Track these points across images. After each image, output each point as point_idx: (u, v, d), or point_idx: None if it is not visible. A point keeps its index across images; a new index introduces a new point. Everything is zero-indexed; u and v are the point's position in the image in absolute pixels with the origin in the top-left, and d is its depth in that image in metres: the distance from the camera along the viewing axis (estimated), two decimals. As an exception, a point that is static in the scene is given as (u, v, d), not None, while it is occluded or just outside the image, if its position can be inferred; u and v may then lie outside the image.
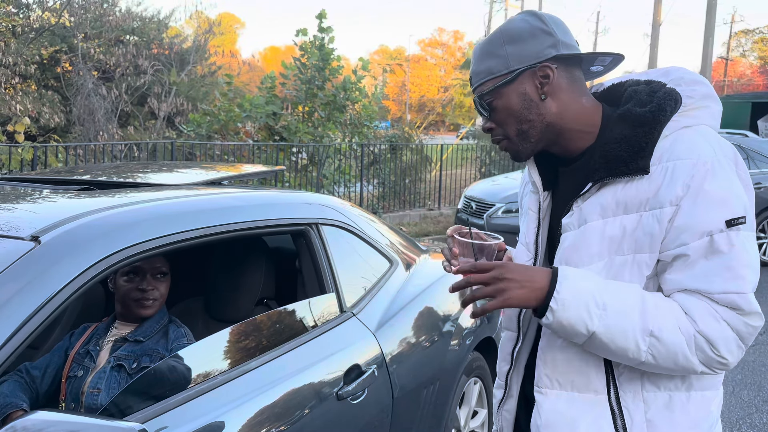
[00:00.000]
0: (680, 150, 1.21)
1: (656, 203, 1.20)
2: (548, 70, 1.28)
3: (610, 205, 1.25)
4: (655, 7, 24.52)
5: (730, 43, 48.47)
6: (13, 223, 1.60)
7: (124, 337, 2.00)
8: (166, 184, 2.26)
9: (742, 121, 16.52)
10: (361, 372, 2.06)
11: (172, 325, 2.06)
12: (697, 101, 1.28)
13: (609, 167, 1.24)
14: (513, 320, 1.44)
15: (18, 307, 1.35)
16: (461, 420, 2.78)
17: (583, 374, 1.29)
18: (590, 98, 1.34)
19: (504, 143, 1.36)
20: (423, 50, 68.83)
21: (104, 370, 1.90)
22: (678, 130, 1.24)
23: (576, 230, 1.29)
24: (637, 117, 1.25)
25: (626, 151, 1.23)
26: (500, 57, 1.29)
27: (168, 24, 15.59)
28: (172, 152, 8.03)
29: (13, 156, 6.69)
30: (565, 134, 1.32)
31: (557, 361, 1.31)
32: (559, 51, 1.28)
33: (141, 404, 1.55)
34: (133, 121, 12.96)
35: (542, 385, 1.34)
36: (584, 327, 1.19)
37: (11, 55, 11.51)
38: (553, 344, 1.32)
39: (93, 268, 1.49)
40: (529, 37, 1.28)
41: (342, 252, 2.31)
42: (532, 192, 1.44)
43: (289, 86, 10.41)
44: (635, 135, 1.24)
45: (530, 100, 1.29)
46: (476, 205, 7.74)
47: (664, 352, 1.18)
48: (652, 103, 1.26)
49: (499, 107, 1.31)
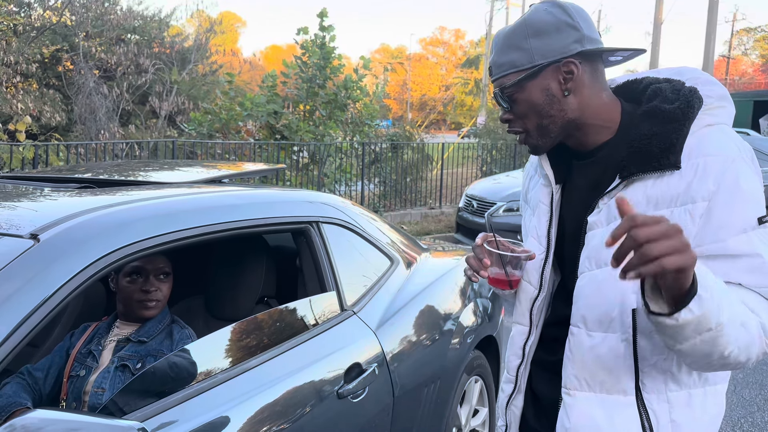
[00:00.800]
0: (709, 147, 1.22)
1: (688, 198, 1.20)
2: (572, 66, 1.26)
3: (640, 202, 1.24)
4: (657, 6, 24.49)
5: (732, 41, 48.39)
6: (12, 221, 1.60)
7: (127, 337, 1.99)
8: (167, 182, 2.26)
9: (743, 120, 16.52)
10: (361, 370, 2.06)
11: (176, 325, 2.06)
12: (716, 101, 1.28)
13: (640, 163, 1.24)
14: (525, 314, 1.43)
15: (17, 305, 1.34)
16: (462, 419, 2.78)
17: (612, 374, 1.28)
18: (609, 93, 1.34)
19: (522, 137, 1.34)
20: (424, 49, 68.82)
21: (108, 369, 1.90)
22: (701, 128, 1.25)
23: (604, 227, 1.28)
24: (666, 113, 1.25)
25: (657, 147, 1.23)
26: (524, 50, 1.27)
27: (169, 23, 15.60)
28: (174, 151, 8.03)
29: (15, 155, 6.69)
30: (583, 128, 1.32)
31: (587, 362, 1.30)
32: (584, 46, 1.26)
33: (142, 402, 1.54)
34: (135, 119, 12.96)
35: (570, 386, 1.32)
36: (716, 319, 1.07)
37: (13, 54, 11.52)
38: (583, 344, 1.30)
39: (92, 266, 1.48)
40: (555, 31, 1.26)
41: (343, 250, 2.31)
42: (543, 185, 1.43)
43: (291, 85, 10.40)
44: (665, 131, 1.24)
45: (552, 95, 1.28)
46: (477, 204, 7.73)
47: (746, 343, 1.14)
48: (680, 100, 1.26)
49: (520, 101, 1.30)
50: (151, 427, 1.44)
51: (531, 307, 1.42)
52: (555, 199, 1.40)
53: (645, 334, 1.25)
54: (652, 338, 1.24)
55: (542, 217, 1.42)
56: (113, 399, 1.59)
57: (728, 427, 3.76)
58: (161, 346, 1.97)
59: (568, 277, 1.38)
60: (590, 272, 1.30)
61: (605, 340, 1.28)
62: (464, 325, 2.73)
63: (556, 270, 1.43)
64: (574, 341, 1.32)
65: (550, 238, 1.40)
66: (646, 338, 1.25)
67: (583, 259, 1.31)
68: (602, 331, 1.28)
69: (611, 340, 1.27)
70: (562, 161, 1.40)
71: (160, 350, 1.95)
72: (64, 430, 1.20)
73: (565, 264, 1.40)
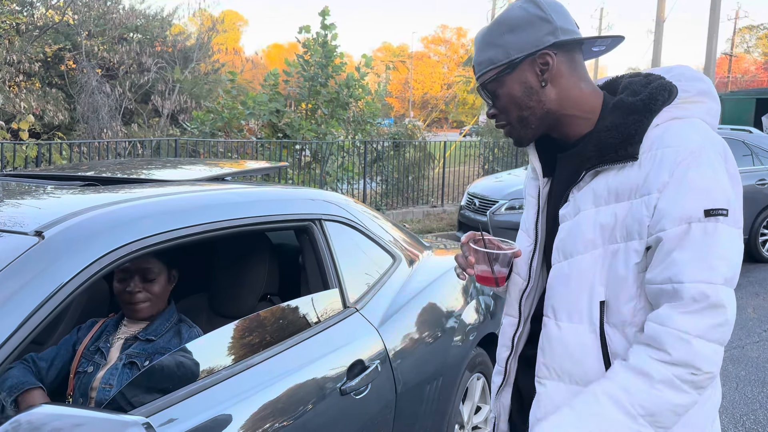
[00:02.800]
0: (669, 138, 1.22)
1: (645, 190, 1.21)
2: (548, 57, 1.29)
3: (602, 194, 1.26)
4: (659, 4, 24.43)
5: (735, 39, 48.26)
6: (17, 219, 1.61)
7: (135, 335, 2.00)
8: (170, 179, 2.26)
9: (745, 118, 16.48)
10: (364, 367, 2.06)
11: (184, 324, 2.06)
12: (693, 96, 1.29)
13: (600, 155, 1.26)
14: (514, 305, 1.45)
15: (22, 302, 1.35)
16: (464, 416, 2.79)
17: (580, 366, 1.28)
18: (590, 84, 1.35)
19: (507, 129, 1.38)
20: (426, 47, 68.75)
21: (116, 366, 1.91)
22: (669, 121, 1.25)
23: (572, 220, 1.30)
24: (628, 105, 1.28)
25: (617, 138, 1.25)
26: (500, 46, 1.30)
27: (171, 22, 15.59)
28: (176, 150, 8.04)
29: (18, 153, 6.70)
30: (563, 120, 1.34)
31: (555, 351, 1.32)
32: (557, 38, 1.28)
33: (147, 398, 1.55)
34: (137, 118, 12.96)
35: (541, 375, 1.34)
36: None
37: (15, 53, 11.53)
38: (551, 334, 1.32)
39: (96, 263, 1.49)
40: (528, 26, 1.29)
41: (345, 248, 2.31)
42: (532, 178, 1.46)
43: (293, 83, 10.40)
44: (626, 123, 1.26)
45: (530, 87, 1.31)
46: (479, 202, 7.73)
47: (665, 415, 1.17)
48: (644, 93, 1.28)
49: (501, 95, 1.33)
50: (157, 422, 1.45)
51: (520, 298, 1.44)
52: (542, 192, 1.42)
53: (617, 328, 1.25)
54: (624, 332, 1.25)
55: (530, 209, 1.44)
56: (118, 393, 1.60)
57: (731, 425, 3.76)
58: (169, 344, 1.98)
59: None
60: (559, 263, 1.32)
61: (572, 331, 1.29)
62: (466, 322, 2.74)
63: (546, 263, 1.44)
64: (545, 331, 1.34)
65: (537, 230, 1.42)
66: (618, 332, 1.25)
67: (554, 250, 1.33)
68: (569, 321, 1.29)
69: (578, 332, 1.28)
70: (551, 156, 1.42)
71: (168, 348, 1.95)
72: (69, 425, 1.21)
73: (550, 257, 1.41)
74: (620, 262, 1.24)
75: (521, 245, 1.45)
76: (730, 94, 19.37)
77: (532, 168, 1.45)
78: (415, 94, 57.53)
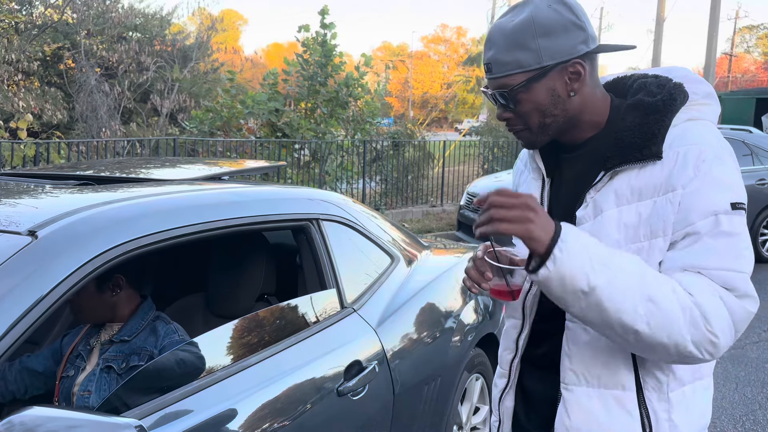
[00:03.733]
0: (690, 137, 1.24)
1: (669, 187, 1.22)
2: (579, 66, 1.26)
3: (624, 193, 1.26)
4: (659, 3, 24.43)
5: (735, 39, 48.29)
6: (12, 218, 1.59)
7: (110, 339, 1.99)
8: (167, 179, 2.25)
9: (745, 117, 16.48)
10: (361, 368, 2.05)
11: (161, 321, 2.03)
12: (701, 98, 1.31)
13: (623, 155, 1.25)
14: (518, 307, 1.44)
15: (14, 302, 1.34)
16: (463, 416, 2.77)
17: (610, 369, 1.28)
18: (602, 88, 1.35)
19: (523, 133, 1.33)
20: (426, 47, 68.74)
21: (94, 372, 1.90)
22: (685, 122, 1.27)
23: (592, 221, 1.28)
24: (649, 105, 1.28)
25: (639, 138, 1.25)
26: (532, 51, 1.24)
27: (170, 21, 15.56)
28: (175, 149, 8.02)
29: (16, 152, 6.69)
30: (579, 125, 1.33)
31: (584, 356, 1.29)
32: (589, 47, 1.26)
33: (140, 400, 1.54)
34: (136, 117, 12.95)
35: (568, 381, 1.32)
36: (585, 280, 1.13)
37: (14, 52, 11.50)
38: (579, 338, 1.30)
39: (90, 263, 1.48)
40: (563, 31, 1.24)
41: (343, 248, 2.30)
42: (533, 179, 1.43)
43: (292, 83, 10.38)
44: (647, 122, 1.26)
45: (558, 96, 1.27)
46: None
47: (660, 321, 1.14)
48: (663, 93, 1.29)
49: (524, 101, 1.28)
50: (149, 424, 1.43)
51: (524, 300, 1.42)
52: (546, 193, 1.40)
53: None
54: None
55: None
56: (114, 395, 1.59)
57: (730, 425, 3.75)
58: (145, 343, 1.95)
59: None
60: None
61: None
62: (465, 322, 2.73)
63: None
64: (570, 336, 1.31)
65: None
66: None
67: None
68: None
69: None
70: (551, 155, 1.40)
71: (143, 347, 1.93)
72: (62, 428, 1.20)
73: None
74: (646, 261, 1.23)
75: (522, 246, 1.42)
76: (730, 94, 19.37)
77: (533, 168, 1.43)
78: (414, 93, 57.53)
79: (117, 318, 2.02)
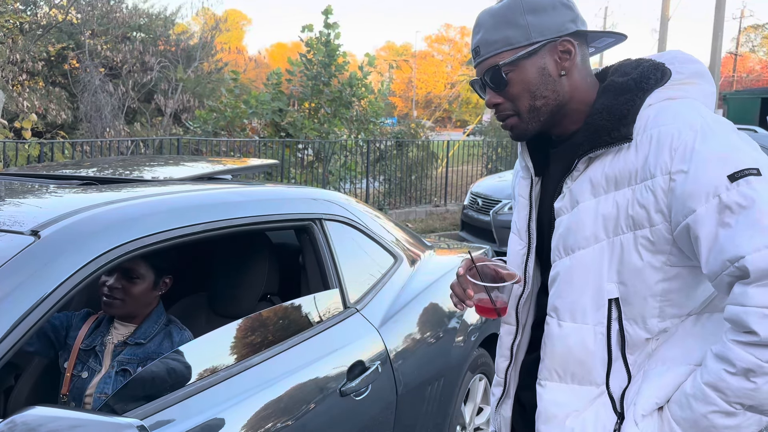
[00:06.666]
0: (664, 117, 1.17)
1: (646, 173, 1.15)
2: (569, 45, 1.23)
3: (600, 182, 1.21)
4: (664, 2, 24.36)
5: (740, 38, 48.11)
6: (15, 218, 1.59)
7: (124, 340, 1.98)
8: (168, 179, 2.25)
9: (751, 117, 16.43)
10: (364, 368, 2.05)
11: (174, 326, 2.04)
12: (687, 77, 1.24)
13: (592, 139, 1.20)
14: (511, 313, 1.40)
15: (17, 301, 1.34)
16: (466, 417, 2.77)
17: (584, 366, 1.25)
18: (593, 77, 1.31)
19: (512, 120, 1.29)
20: (430, 46, 68.69)
21: (109, 375, 1.90)
22: (662, 101, 1.20)
23: (570, 213, 1.25)
24: (618, 85, 1.23)
25: (608, 120, 1.19)
26: (520, 27, 1.22)
27: (174, 21, 15.59)
28: (179, 149, 8.03)
29: (20, 152, 6.70)
30: (569, 114, 1.28)
31: (557, 352, 1.28)
32: (578, 27, 1.24)
33: (143, 401, 1.54)
34: (140, 117, 12.97)
35: (542, 377, 1.31)
36: None
37: (19, 52, 11.54)
38: (554, 334, 1.28)
39: (93, 263, 1.48)
40: (550, 9, 1.22)
41: (346, 248, 2.30)
42: (523, 178, 1.39)
43: (295, 83, 10.40)
44: (617, 103, 1.20)
45: (548, 75, 1.24)
46: (482, 202, 7.71)
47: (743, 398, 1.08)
48: (635, 73, 1.24)
49: (514, 80, 1.24)
50: (153, 424, 1.43)
51: (517, 305, 1.39)
52: (535, 192, 1.36)
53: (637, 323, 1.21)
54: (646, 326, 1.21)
55: (522, 211, 1.38)
56: (113, 398, 1.59)
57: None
58: (160, 348, 1.96)
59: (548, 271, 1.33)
60: (560, 260, 1.27)
61: (575, 330, 1.24)
62: (468, 322, 2.72)
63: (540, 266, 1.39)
64: (547, 331, 1.30)
65: (530, 231, 1.36)
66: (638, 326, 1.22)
67: (553, 247, 1.28)
68: (572, 321, 1.25)
69: (582, 331, 1.24)
70: (541, 153, 1.37)
71: (159, 352, 1.94)
72: (65, 427, 1.20)
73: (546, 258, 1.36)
74: (633, 254, 1.18)
75: (513, 248, 1.40)
76: (736, 94, 19.31)
77: (523, 167, 1.39)
78: (418, 93, 57.51)
79: (138, 317, 2.02)
